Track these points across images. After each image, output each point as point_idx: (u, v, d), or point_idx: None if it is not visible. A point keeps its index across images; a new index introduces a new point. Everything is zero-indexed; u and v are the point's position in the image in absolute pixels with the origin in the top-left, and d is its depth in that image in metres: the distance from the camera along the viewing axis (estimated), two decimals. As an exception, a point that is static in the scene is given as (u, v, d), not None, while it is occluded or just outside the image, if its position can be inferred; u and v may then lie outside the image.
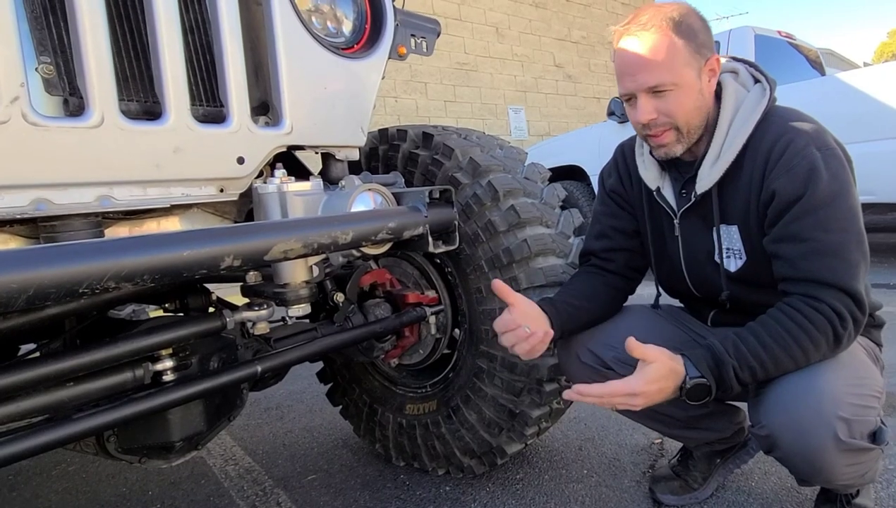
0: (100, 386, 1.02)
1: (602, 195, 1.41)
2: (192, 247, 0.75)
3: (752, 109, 1.11)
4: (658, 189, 1.24)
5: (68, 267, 0.63)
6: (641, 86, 1.09)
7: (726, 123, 1.13)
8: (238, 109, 1.05)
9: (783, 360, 1.01)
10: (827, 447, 0.98)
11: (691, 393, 1.02)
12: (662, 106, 1.10)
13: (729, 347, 1.02)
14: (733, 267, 1.17)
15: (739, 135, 1.10)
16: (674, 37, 1.07)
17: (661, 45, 1.07)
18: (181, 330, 1.07)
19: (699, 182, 1.15)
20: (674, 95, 1.08)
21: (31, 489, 1.83)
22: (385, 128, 1.66)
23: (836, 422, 0.98)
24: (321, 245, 0.92)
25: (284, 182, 1.06)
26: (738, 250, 1.15)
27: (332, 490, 1.67)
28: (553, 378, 1.47)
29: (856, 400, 1.01)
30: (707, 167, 1.14)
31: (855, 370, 1.05)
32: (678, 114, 1.10)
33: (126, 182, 0.91)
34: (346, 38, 1.28)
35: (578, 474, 1.64)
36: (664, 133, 1.13)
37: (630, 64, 1.10)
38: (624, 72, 1.11)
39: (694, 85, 1.09)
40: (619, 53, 1.12)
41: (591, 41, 8.59)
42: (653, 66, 1.07)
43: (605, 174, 1.42)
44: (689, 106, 1.10)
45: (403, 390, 1.73)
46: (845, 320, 1.00)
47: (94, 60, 0.87)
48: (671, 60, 1.07)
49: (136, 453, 1.19)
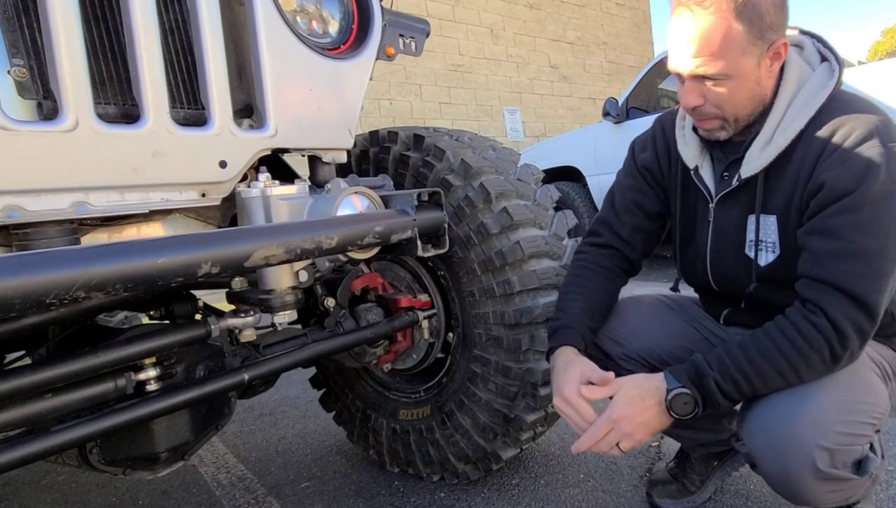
0: (80, 396, 0.99)
1: (631, 168, 1.30)
2: (166, 255, 0.72)
3: (814, 92, 1.00)
4: (696, 168, 1.14)
5: (33, 277, 0.60)
6: (689, 71, 0.99)
7: (784, 105, 1.01)
8: (220, 112, 1.02)
9: (770, 377, 0.95)
10: (804, 475, 0.93)
11: (676, 406, 0.99)
12: (711, 95, 1.00)
13: (712, 360, 0.99)
14: (763, 260, 1.07)
15: (797, 120, 1.00)
16: (734, 22, 0.93)
17: (717, 31, 0.94)
18: (164, 339, 1.05)
19: (745, 165, 1.05)
20: (726, 86, 0.98)
21: (19, 500, 1.80)
22: (376, 130, 1.63)
23: (817, 451, 0.92)
24: (304, 250, 0.89)
25: (268, 186, 1.03)
26: (772, 243, 1.06)
27: (325, 498, 1.65)
28: (548, 382, 1.44)
29: (844, 427, 0.94)
30: (756, 150, 1.03)
31: (852, 393, 0.97)
32: (727, 105, 1.01)
33: (103, 187, 0.89)
34: (332, 38, 1.25)
35: (575, 478, 1.62)
36: (708, 120, 1.04)
37: (679, 44, 0.98)
38: (673, 49, 1.00)
39: (750, 74, 0.98)
40: (672, 24, 0.99)
41: (586, 42, 8.59)
42: (703, 54, 0.96)
43: (637, 146, 1.30)
44: (742, 97, 1.00)
45: (397, 395, 1.70)
46: (846, 338, 0.92)
47: (67, 62, 0.84)
48: (726, 49, 0.94)
49: (120, 464, 1.16)
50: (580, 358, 1.11)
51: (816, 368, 0.94)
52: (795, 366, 0.94)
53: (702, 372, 0.98)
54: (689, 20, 0.95)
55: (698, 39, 0.95)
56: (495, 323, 1.44)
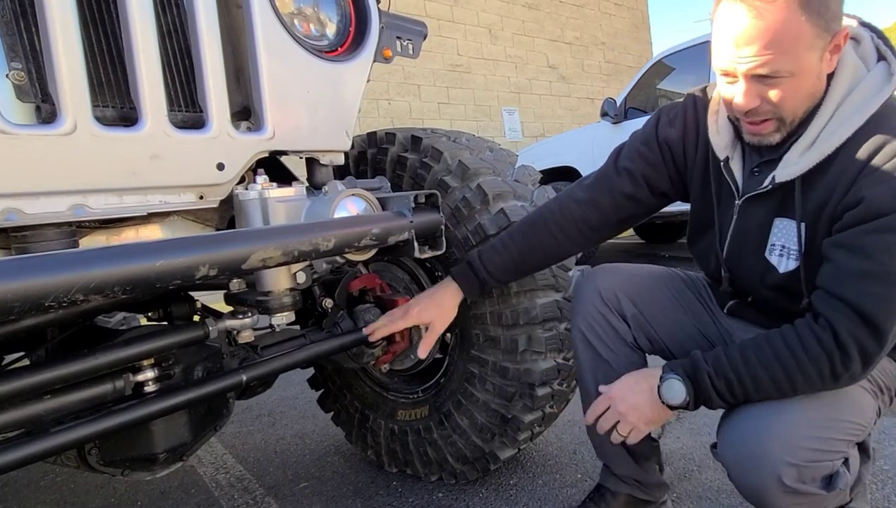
0: (78, 398, 0.99)
1: (651, 139, 1.20)
2: (164, 257, 0.72)
3: (868, 96, 0.92)
4: (727, 159, 1.07)
5: (32, 280, 0.61)
6: (749, 70, 0.90)
7: (832, 107, 0.94)
8: (218, 114, 1.03)
9: (764, 383, 0.94)
10: (770, 489, 0.93)
11: (667, 393, 1.01)
12: (770, 94, 0.92)
13: (709, 356, 0.99)
14: (783, 267, 1.02)
15: (844, 127, 0.92)
16: (802, 16, 0.85)
17: (787, 26, 0.85)
18: (162, 340, 1.05)
19: (783, 168, 0.98)
20: (787, 84, 0.90)
21: (18, 501, 1.80)
22: (373, 132, 1.64)
23: (784, 468, 0.91)
24: (302, 252, 0.90)
25: (266, 188, 1.04)
26: (796, 250, 1.00)
27: (323, 498, 1.65)
28: (545, 382, 1.45)
29: (816, 444, 0.93)
30: (796, 154, 0.96)
31: (832, 409, 0.96)
32: (787, 104, 0.93)
33: (101, 190, 0.89)
34: (329, 40, 1.26)
35: (573, 478, 1.63)
36: (765, 122, 0.96)
37: (739, 41, 0.89)
38: (727, 47, 0.91)
39: (813, 70, 0.90)
40: (724, 20, 0.90)
41: (584, 42, 8.60)
42: (770, 52, 0.87)
43: (663, 119, 1.20)
44: (802, 94, 0.92)
45: (395, 396, 1.71)
46: (849, 359, 0.89)
47: (66, 66, 0.85)
48: (794, 46, 0.87)
49: (119, 465, 1.16)
50: (445, 300, 1.32)
51: (814, 383, 0.92)
52: (791, 377, 0.93)
53: (697, 366, 0.99)
54: (748, 13, 0.86)
55: (765, 36, 0.86)
56: (493, 323, 1.45)
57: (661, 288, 1.27)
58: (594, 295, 1.25)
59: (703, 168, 1.14)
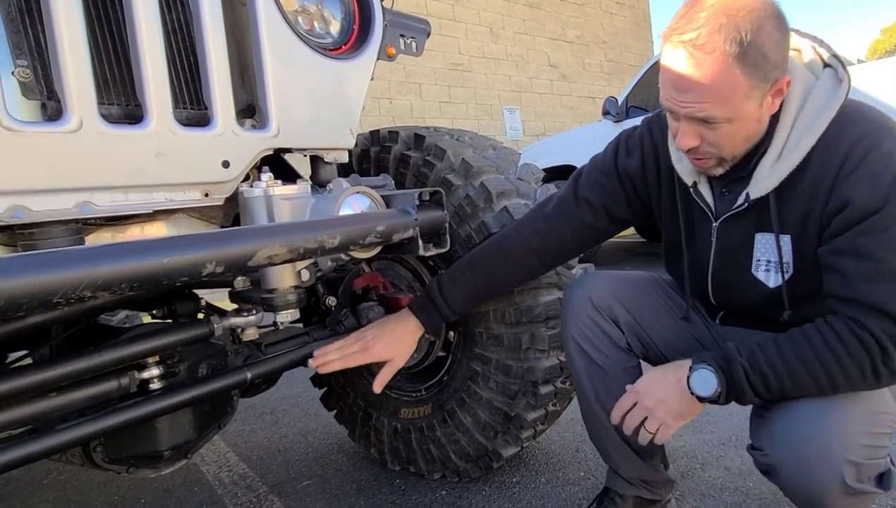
0: (84, 395, 1.00)
1: (610, 170, 1.21)
2: (171, 254, 0.73)
3: (824, 103, 0.93)
4: (695, 184, 1.08)
5: (40, 277, 0.61)
6: (687, 114, 0.93)
7: (791, 117, 0.95)
8: (223, 112, 1.03)
9: (803, 380, 0.92)
10: (832, 490, 0.91)
11: (696, 383, 0.97)
12: (709, 136, 0.94)
13: (743, 350, 0.96)
14: (773, 281, 1.03)
15: (808, 134, 0.93)
16: (736, 67, 0.86)
17: (723, 77, 0.87)
18: (167, 338, 1.05)
19: (755, 184, 0.99)
20: (725, 128, 0.93)
21: (20, 499, 1.81)
22: (376, 130, 1.64)
23: (845, 466, 0.89)
24: (307, 250, 0.90)
25: (271, 186, 1.04)
26: (785, 263, 1.01)
27: (326, 496, 1.65)
28: (548, 380, 1.45)
29: (868, 440, 0.92)
30: (766, 168, 0.97)
31: (870, 402, 0.95)
32: (725, 146, 0.96)
33: (107, 187, 0.89)
34: (333, 38, 1.26)
35: (575, 476, 1.63)
36: (705, 159, 0.99)
37: (675, 86, 0.92)
38: (668, 87, 0.94)
39: (751, 116, 0.92)
40: (667, 62, 0.92)
41: (585, 41, 8.60)
42: (707, 100, 0.89)
43: (622, 149, 1.21)
44: (741, 138, 0.95)
45: (398, 394, 1.71)
46: (889, 356, 0.88)
47: (71, 63, 0.85)
48: (730, 95, 0.89)
49: (124, 463, 1.17)
50: (402, 337, 1.29)
51: (855, 381, 0.91)
52: (832, 375, 0.91)
53: (731, 358, 0.96)
54: (687, 61, 0.88)
55: (698, 84, 0.89)
56: (496, 321, 1.45)
57: (652, 293, 1.27)
58: (585, 302, 1.24)
59: (670, 193, 1.15)
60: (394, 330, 1.30)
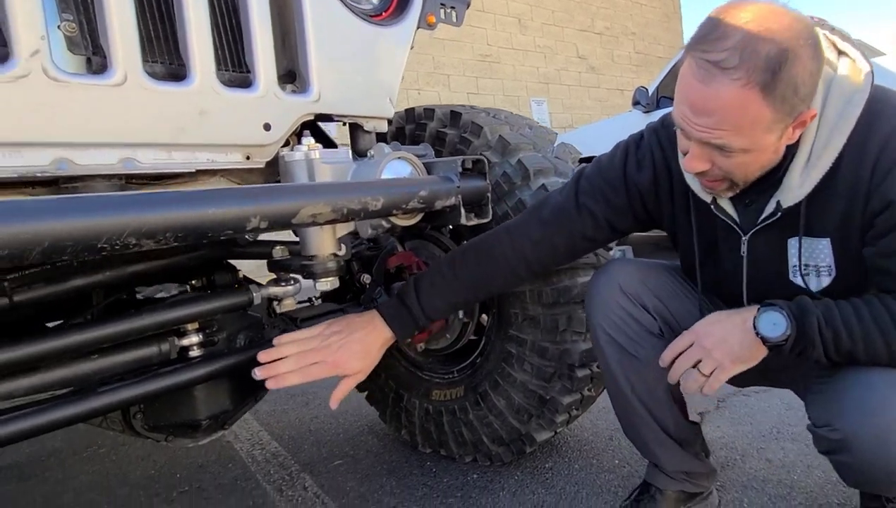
0: (124, 359, 0.99)
1: (618, 183, 1.13)
2: (217, 206, 0.71)
3: (848, 96, 0.88)
4: (714, 200, 1.02)
5: (86, 220, 0.59)
6: (702, 139, 0.86)
7: (815, 119, 0.90)
8: (265, 75, 1.01)
9: (877, 345, 0.88)
10: None
11: (763, 324, 0.91)
12: (721, 162, 0.89)
13: (819, 303, 0.92)
14: (815, 285, 0.98)
15: (837, 134, 0.88)
16: (763, 101, 0.79)
17: (746, 108, 0.80)
18: (208, 304, 1.05)
19: (786, 192, 0.93)
20: (740, 157, 0.87)
21: (62, 470, 1.84)
22: (412, 108, 1.62)
23: None
24: (351, 210, 0.88)
25: (312, 149, 1.02)
26: (826, 266, 0.96)
27: (358, 476, 1.64)
28: (585, 363, 1.41)
29: None
30: (797, 174, 0.92)
31: None
32: (737, 174, 0.91)
33: (150, 144, 0.88)
34: (374, 4, 1.23)
35: (610, 464, 1.58)
36: (716, 181, 0.94)
37: (692, 107, 0.85)
38: (684, 106, 0.86)
39: (769, 147, 0.87)
40: (686, 77, 0.85)
41: (614, 32, 8.47)
42: (721, 126, 0.83)
43: (631, 161, 1.14)
44: (755, 167, 0.90)
45: (430, 375, 1.68)
46: None
47: (117, 18, 0.84)
48: (751, 128, 0.83)
49: (163, 431, 1.17)
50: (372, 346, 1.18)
51: None
52: None
53: (806, 307, 0.91)
54: (710, 83, 0.80)
55: (717, 111, 0.82)
56: (532, 302, 1.41)
57: (678, 280, 1.22)
58: (614, 289, 1.17)
59: (685, 211, 1.10)
60: (363, 340, 1.18)
